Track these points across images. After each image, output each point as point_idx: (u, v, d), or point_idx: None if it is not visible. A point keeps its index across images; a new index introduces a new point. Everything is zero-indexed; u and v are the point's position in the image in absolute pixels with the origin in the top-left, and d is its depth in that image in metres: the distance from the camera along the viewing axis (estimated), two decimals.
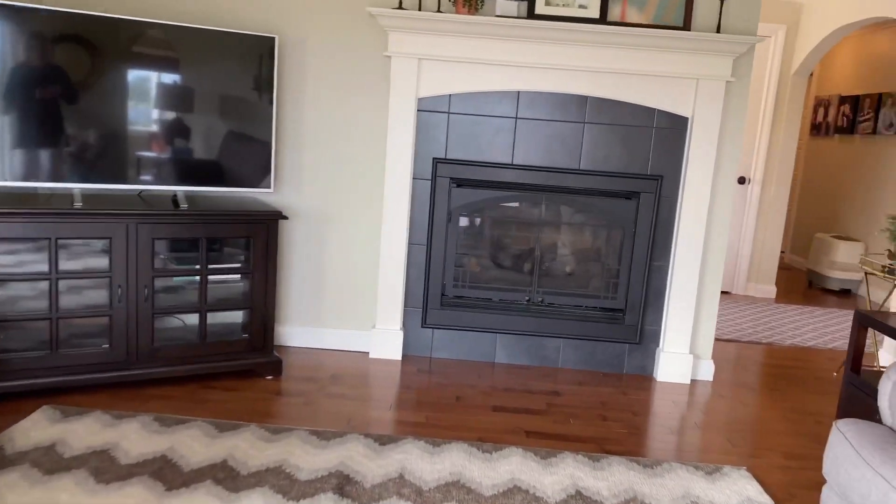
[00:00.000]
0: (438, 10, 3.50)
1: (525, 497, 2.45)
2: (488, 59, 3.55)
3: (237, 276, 3.35)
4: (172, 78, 3.14)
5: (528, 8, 3.52)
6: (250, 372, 3.40)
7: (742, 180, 6.09)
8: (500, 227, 3.97)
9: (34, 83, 2.91)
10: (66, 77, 2.96)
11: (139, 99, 3.10)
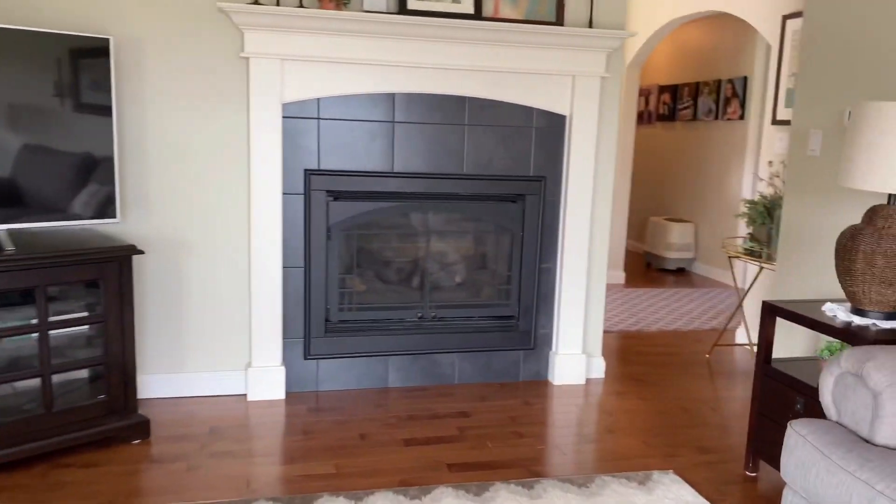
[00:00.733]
0: (301, 4, 3.13)
1: None
2: (359, 59, 3.23)
3: (85, 328, 2.77)
4: None
5: (400, 3, 3.24)
6: (112, 439, 2.84)
7: None
8: (384, 240, 3.67)
9: None
10: None
11: None
